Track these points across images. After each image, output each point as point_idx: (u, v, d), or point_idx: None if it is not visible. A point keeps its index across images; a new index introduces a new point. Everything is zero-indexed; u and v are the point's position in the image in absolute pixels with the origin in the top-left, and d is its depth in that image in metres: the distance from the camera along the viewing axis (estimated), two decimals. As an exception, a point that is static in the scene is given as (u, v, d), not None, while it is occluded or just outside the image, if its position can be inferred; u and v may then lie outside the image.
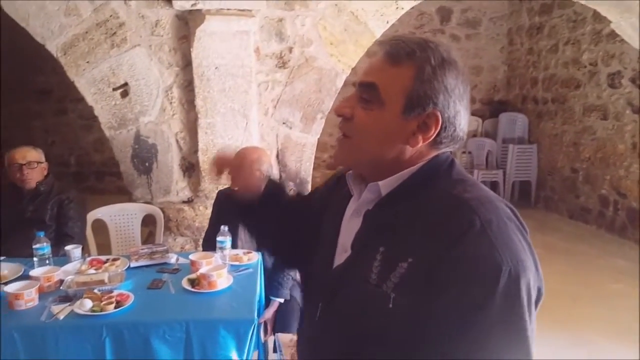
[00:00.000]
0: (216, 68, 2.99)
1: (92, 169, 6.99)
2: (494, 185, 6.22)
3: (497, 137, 6.34)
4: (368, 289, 0.78)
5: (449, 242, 0.71)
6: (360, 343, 0.81)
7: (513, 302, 0.69)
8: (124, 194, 3.35)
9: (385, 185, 0.82)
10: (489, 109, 6.82)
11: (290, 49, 3.11)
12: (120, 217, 2.99)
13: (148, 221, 3.13)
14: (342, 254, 0.87)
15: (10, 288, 1.79)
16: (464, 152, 6.32)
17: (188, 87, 3.07)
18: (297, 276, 2.30)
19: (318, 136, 3.32)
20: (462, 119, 0.82)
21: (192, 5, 2.89)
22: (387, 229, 0.80)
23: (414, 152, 0.81)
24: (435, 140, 0.81)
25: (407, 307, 0.74)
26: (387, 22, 3.11)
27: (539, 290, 0.74)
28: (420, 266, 0.73)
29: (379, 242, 0.80)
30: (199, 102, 3.02)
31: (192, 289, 1.91)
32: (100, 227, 2.97)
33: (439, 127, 0.79)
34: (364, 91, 0.81)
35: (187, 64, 3.03)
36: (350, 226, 0.88)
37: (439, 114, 0.79)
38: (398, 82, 0.78)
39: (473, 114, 6.76)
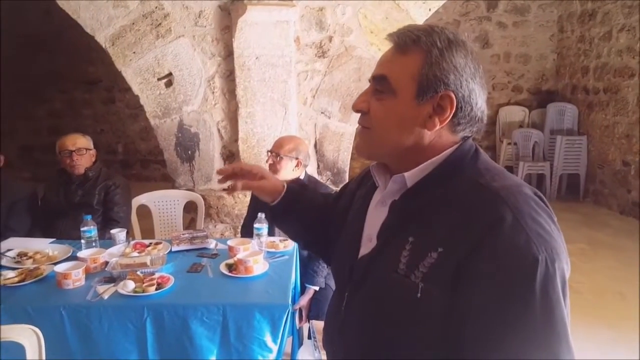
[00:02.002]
0: (257, 58, 3.01)
1: (138, 157, 7.23)
2: (540, 178, 6.00)
3: (544, 128, 6.09)
4: (396, 278, 0.79)
5: (482, 234, 0.71)
6: (388, 333, 0.82)
7: (551, 291, 0.70)
8: (168, 182, 3.45)
9: (411, 176, 0.83)
10: (537, 99, 6.56)
11: (330, 38, 3.10)
12: (163, 203, 3.08)
13: (190, 208, 3.22)
14: (367, 244, 0.88)
15: (59, 268, 1.88)
16: (509, 144, 6.13)
17: (229, 77, 3.11)
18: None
19: (356, 126, 3.30)
20: (478, 97, 0.81)
21: (234, -5, 2.92)
22: (415, 219, 0.81)
23: (433, 137, 0.82)
24: (453, 122, 0.81)
25: (438, 298, 0.74)
26: (430, 10, 3.04)
27: (569, 272, 0.75)
28: (451, 257, 0.73)
29: (408, 232, 0.80)
30: (239, 91, 3.06)
31: (230, 274, 1.95)
32: (144, 212, 3.08)
33: (454, 108, 0.80)
34: (377, 83, 0.83)
35: (229, 54, 3.07)
36: (375, 216, 0.89)
37: (452, 94, 0.79)
38: (407, 70, 0.80)
39: (519, 104, 6.54)
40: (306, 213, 1.10)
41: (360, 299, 0.87)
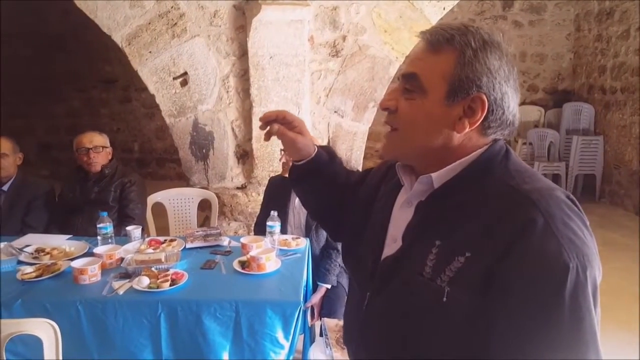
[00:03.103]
0: (271, 57, 3.03)
1: (154, 156, 7.31)
2: (555, 179, 5.92)
3: (560, 128, 6.02)
4: (421, 281, 0.77)
5: (511, 238, 0.69)
6: (412, 335, 0.80)
7: (581, 299, 0.67)
8: (183, 180, 3.49)
9: (439, 176, 0.80)
10: (553, 98, 6.49)
11: (344, 38, 3.10)
12: (178, 200, 3.12)
13: (204, 206, 3.25)
14: (391, 245, 0.86)
15: (76, 264, 1.91)
16: (524, 143, 6.06)
17: (244, 76, 3.13)
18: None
19: (369, 125, 3.30)
20: (511, 101, 0.79)
21: (248, -5, 2.94)
22: (443, 222, 0.78)
23: (462, 139, 0.79)
24: (483, 125, 0.79)
25: (465, 303, 0.72)
26: (444, 9, 3.03)
27: (600, 277, 0.73)
28: (479, 261, 0.71)
29: (435, 235, 0.78)
30: (253, 90, 3.08)
31: (243, 271, 1.97)
32: (159, 210, 3.12)
33: (485, 111, 0.77)
34: (407, 82, 0.81)
35: (243, 54, 3.09)
36: (400, 216, 0.87)
37: (484, 97, 0.77)
38: (439, 69, 0.78)
39: (535, 103, 6.46)
40: (326, 184, 1.07)
41: (383, 300, 0.85)
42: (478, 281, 0.71)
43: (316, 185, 1.07)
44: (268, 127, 1.00)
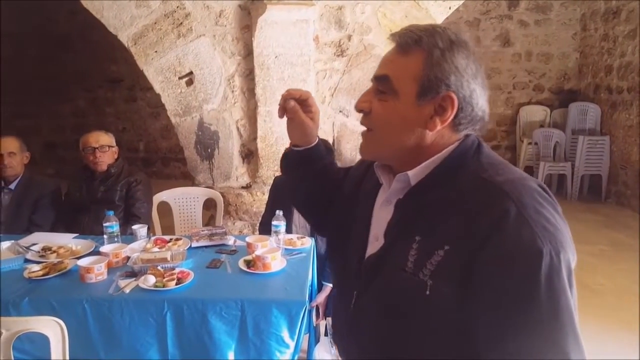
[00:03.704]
0: (276, 57, 3.03)
1: (159, 155, 7.34)
2: (561, 179, 5.90)
3: (566, 128, 6.00)
4: (404, 276, 0.79)
5: (487, 230, 0.72)
6: (399, 330, 0.83)
7: (556, 282, 0.70)
8: (188, 180, 3.50)
9: (415, 174, 0.83)
10: (558, 98, 6.46)
11: (349, 37, 3.10)
12: (183, 200, 3.13)
13: (209, 205, 3.26)
14: (374, 243, 0.88)
15: (82, 262, 1.92)
16: (530, 143, 6.04)
17: (249, 76, 3.13)
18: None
19: (375, 125, 3.29)
20: (479, 97, 0.82)
21: (254, -5, 2.94)
22: (421, 218, 0.81)
23: (435, 137, 0.82)
24: (454, 122, 0.81)
25: (447, 295, 0.75)
26: (450, 8, 3.02)
27: (574, 261, 0.76)
28: (458, 254, 0.74)
29: (414, 231, 0.80)
30: (258, 90, 3.08)
31: (248, 270, 1.97)
32: (165, 209, 3.13)
33: (455, 108, 0.80)
34: (379, 84, 0.84)
35: (248, 53, 3.09)
36: (381, 215, 0.89)
37: (453, 95, 0.79)
38: (409, 70, 0.80)
39: (541, 103, 6.44)
40: (319, 175, 1.09)
41: (369, 297, 0.88)
42: (458, 273, 0.73)
43: (310, 174, 1.08)
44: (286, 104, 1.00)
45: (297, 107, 1.00)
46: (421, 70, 0.79)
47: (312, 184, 1.11)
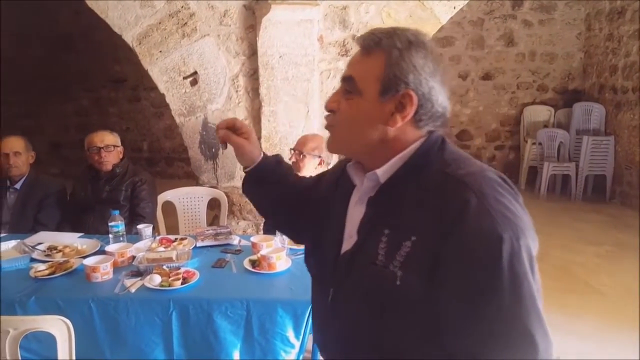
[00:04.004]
0: (280, 57, 3.03)
1: (163, 155, 7.35)
2: (565, 179, 5.89)
3: (570, 128, 5.98)
4: (376, 270, 0.83)
5: (450, 220, 0.76)
6: (373, 321, 0.87)
7: (517, 266, 0.74)
8: (192, 179, 3.50)
9: (383, 172, 0.88)
10: (563, 98, 6.44)
11: (354, 37, 3.10)
12: (187, 199, 3.13)
13: (213, 204, 3.26)
14: (349, 241, 0.93)
15: (88, 261, 1.93)
16: (534, 143, 6.03)
17: (253, 76, 3.13)
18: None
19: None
20: (438, 94, 0.86)
21: (258, -5, 2.94)
22: (390, 212, 0.85)
23: (397, 133, 0.87)
24: (415, 118, 0.86)
25: (416, 284, 0.79)
26: (454, 8, 3.01)
27: (536, 248, 0.80)
28: (423, 244, 0.79)
29: (383, 225, 0.85)
30: (262, 90, 3.08)
31: (253, 270, 1.98)
32: (169, 209, 3.13)
33: (414, 105, 0.84)
34: (345, 84, 0.89)
35: (252, 53, 3.09)
36: (354, 214, 0.93)
37: (412, 92, 0.84)
38: (371, 70, 0.86)
39: (545, 103, 6.42)
40: (275, 188, 1.14)
41: (344, 292, 0.92)
42: (425, 263, 0.78)
43: (266, 189, 1.14)
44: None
45: (227, 133, 1.09)
46: (382, 69, 0.85)
47: (270, 199, 1.17)
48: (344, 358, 0.96)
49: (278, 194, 1.14)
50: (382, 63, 0.84)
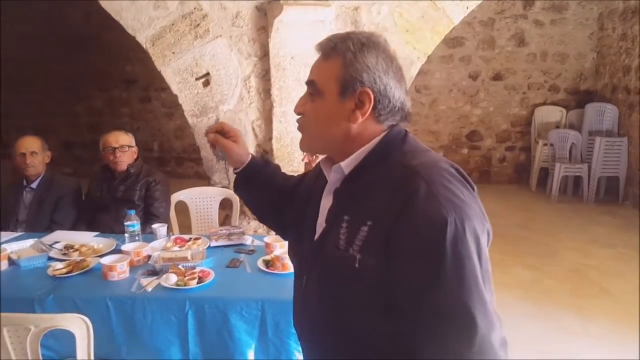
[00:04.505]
0: (292, 58, 3.04)
1: (173, 155, 7.39)
2: (577, 181, 5.84)
3: (582, 129, 5.92)
4: (337, 253, 0.90)
5: (401, 205, 0.83)
6: (336, 303, 0.93)
7: (461, 248, 0.79)
8: (201, 179, 3.52)
9: (347, 164, 0.95)
10: (575, 99, 6.39)
11: (365, 38, 3.10)
12: (200, 199, 3.15)
13: (225, 204, 3.27)
14: (319, 230, 0.99)
15: (105, 260, 1.95)
16: (545, 144, 5.98)
17: (265, 77, 3.15)
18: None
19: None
20: (395, 90, 0.93)
21: (271, -4, 2.96)
22: (351, 201, 0.93)
23: (359, 129, 0.94)
24: (374, 114, 0.93)
25: (373, 266, 0.85)
26: (467, 8, 3.01)
27: (489, 233, 0.87)
28: (378, 228, 0.85)
29: (345, 212, 0.92)
30: (274, 91, 3.09)
31: (267, 270, 1.99)
32: (181, 208, 3.16)
33: (372, 101, 0.91)
34: (309, 88, 0.97)
35: (264, 54, 3.11)
36: (325, 204, 1.00)
37: (368, 90, 0.91)
38: (330, 73, 0.93)
39: (556, 104, 6.38)
40: (264, 187, 1.22)
41: (314, 277, 0.99)
42: (380, 245, 0.84)
43: (255, 188, 1.23)
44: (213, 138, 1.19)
45: (216, 136, 1.19)
46: (339, 71, 0.92)
47: (260, 196, 1.25)
48: (316, 342, 1.03)
49: (266, 193, 1.22)
50: (339, 65, 0.92)
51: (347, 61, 0.91)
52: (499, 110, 6.58)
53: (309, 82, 0.97)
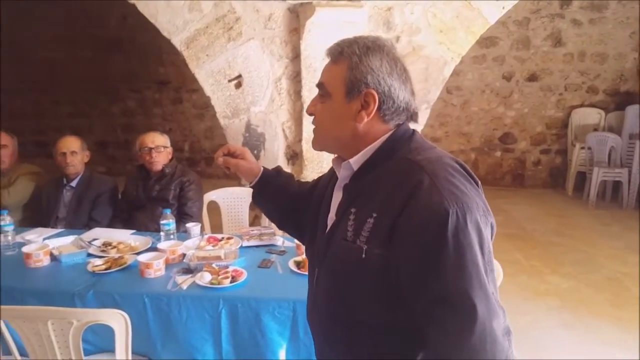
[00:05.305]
0: (323, 59, 3.01)
1: (203, 155, 7.51)
2: (616, 186, 5.64)
3: (622, 132, 5.72)
4: (345, 245, 0.95)
5: (405, 197, 0.87)
6: (344, 292, 0.98)
7: (462, 238, 0.83)
8: (230, 179, 3.55)
9: (355, 161, 1.00)
10: (614, 100, 6.18)
11: (398, 38, 3.07)
12: (231, 200, 3.19)
13: (254, 205, 3.30)
14: (330, 224, 1.05)
15: (142, 258, 2.00)
16: (582, 148, 5.80)
17: (296, 78, 3.16)
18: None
19: (423, 127, 3.26)
20: (399, 91, 0.97)
21: (303, -2, 2.97)
22: (360, 195, 0.98)
23: (365, 128, 0.99)
24: (379, 114, 0.98)
25: (379, 256, 0.90)
26: (503, 8, 2.95)
27: (493, 227, 0.91)
28: (383, 219, 0.90)
29: (353, 206, 0.97)
30: (305, 92, 3.10)
31: (298, 271, 1.99)
32: (212, 208, 3.20)
33: (376, 102, 0.96)
34: (320, 90, 1.03)
35: (296, 56, 3.12)
36: (335, 200, 1.06)
37: (373, 91, 0.96)
38: (337, 76, 0.99)
39: (595, 105, 6.18)
40: (279, 196, 1.28)
41: (325, 268, 1.03)
42: (384, 236, 0.89)
43: (272, 195, 1.28)
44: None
45: (225, 159, 1.26)
46: (345, 74, 0.97)
47: (277, 205, 1.30)
48: (324, 334, 1.07)
49: (282, 199, 1.28)
50: (345, 68, 0.97)
51: (352, 64, 0.96)
52: (533, 112, 6.43)
53: (319, 85, 1.03)
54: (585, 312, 3.16)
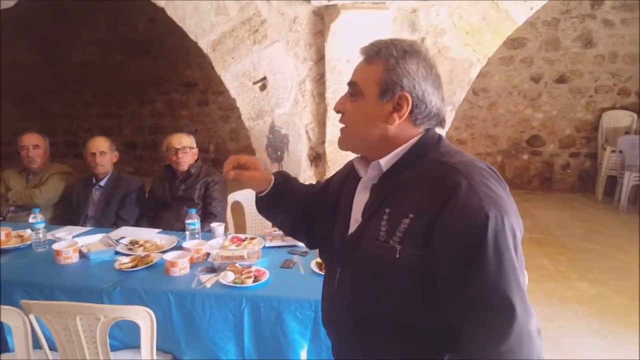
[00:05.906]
0: (347, 61, 3.05)
1: (227, 156, 7.38)
2: (648, 190, 5.46)
3: (655, 136, 5.54)
4: (377, 245, 0.94)
5: (443, 198, 0.87)
6: (374, 293, 0.97)
7: (501, 240, 0.84)
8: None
9: (386, 162, 1.00)
10: (647, 103, 5.99)
11: (423, 40, 3.05)
12: (254, 200, 3.21)
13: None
14: (354, 225, 1.04)
15: (168, 257, 2.04)
16: (613, 151, 5.64)
17: (320, 81, 3.17)
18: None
19: (448, 128, 3.22)
20: (432, 96, 0.98)
21: (328, 0, 2.98)
22: (391, 195, 0.97)
23: (396, 130, 0.99)
24: (411, 117, 0.98)
25: (413, 256, 0.89)
26: (531, 9, 2.90)
27: (521, 230, 0.91)
28: (420, 220, 0.90)
29: (385, 206, 0.96)
30: (329, 94, 3.11)
31: (320, 272, 1.99)
32: (236, 208, 3.24)
33: (409, 105, 0.97)
34: (350, 88, 1.02)
35: (320, 58, 3.13)
36: (359, 200, 1.05)
37: (407, 94, 0.96)
38: (372, 76, 0.98)
39: (626, 108, 6.00)
40: (290, 203, 1.26)
41: (350, 270, 1.02)
42: (421, 237, 0.89)
43: (284, 204, 1.25)
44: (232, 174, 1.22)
45: (236, 172, 1.21)
46: (381, 75, 0.97)
47: (288, 212, 1.27)
48: (349, 332, 1.05)
49: (298, 204, 1.26)
50: (381, 69, 0.97)
51: (389, 66, 0.96)
52: (562, 115, 6.28)
53: (351, 83, 1.02)
54: (614, 320, 3.07)
